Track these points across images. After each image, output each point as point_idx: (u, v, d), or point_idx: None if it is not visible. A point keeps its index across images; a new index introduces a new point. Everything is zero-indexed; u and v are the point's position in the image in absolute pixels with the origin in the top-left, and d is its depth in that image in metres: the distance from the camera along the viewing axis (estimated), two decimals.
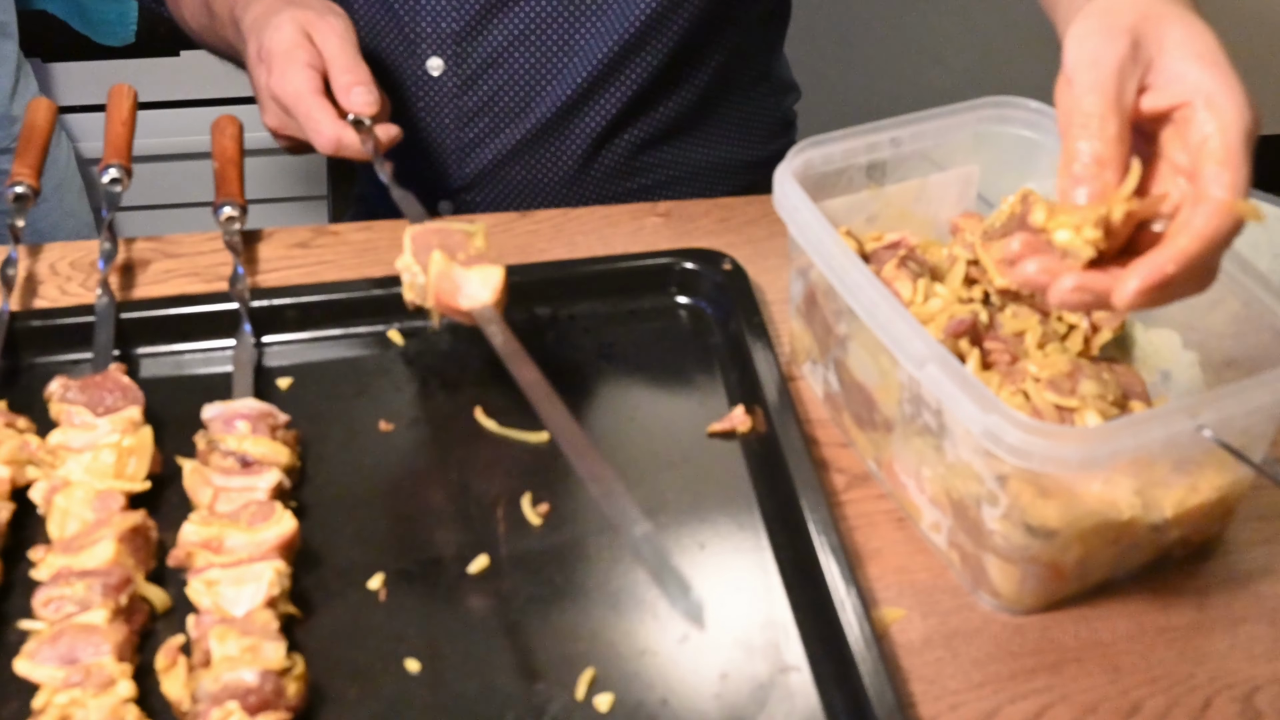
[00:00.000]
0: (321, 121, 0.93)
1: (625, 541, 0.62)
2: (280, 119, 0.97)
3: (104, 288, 0.90)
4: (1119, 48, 0.63)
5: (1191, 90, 0.63)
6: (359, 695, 0.70)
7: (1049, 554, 0.73)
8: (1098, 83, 0.62)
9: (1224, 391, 0.69)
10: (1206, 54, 0.63)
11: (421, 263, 0.81)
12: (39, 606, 0.70)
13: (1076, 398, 0.74)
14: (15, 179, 0.96)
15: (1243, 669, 0.73)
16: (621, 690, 0.70)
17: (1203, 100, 0.62)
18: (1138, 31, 0.64)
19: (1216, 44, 0.64)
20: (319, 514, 0.79)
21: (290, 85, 0.94)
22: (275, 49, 0.95)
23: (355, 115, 0.94)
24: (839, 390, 0.84)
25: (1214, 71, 0.63)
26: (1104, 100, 0.62)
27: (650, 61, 1.09)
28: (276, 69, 0.94)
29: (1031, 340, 0.79)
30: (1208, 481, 0.74)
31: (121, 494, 0.76)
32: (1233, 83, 0.63)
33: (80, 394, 0.81)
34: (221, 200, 0.97)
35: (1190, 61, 0.63)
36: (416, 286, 0.82)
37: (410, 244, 0.82)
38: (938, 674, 0.72)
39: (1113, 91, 0.62)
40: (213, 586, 0.71)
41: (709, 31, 1.11)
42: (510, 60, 1.09)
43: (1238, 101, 0.62)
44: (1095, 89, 0.62)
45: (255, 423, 0.80)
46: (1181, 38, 0.64)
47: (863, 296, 0.74)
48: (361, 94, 0.94)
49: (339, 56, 0.95)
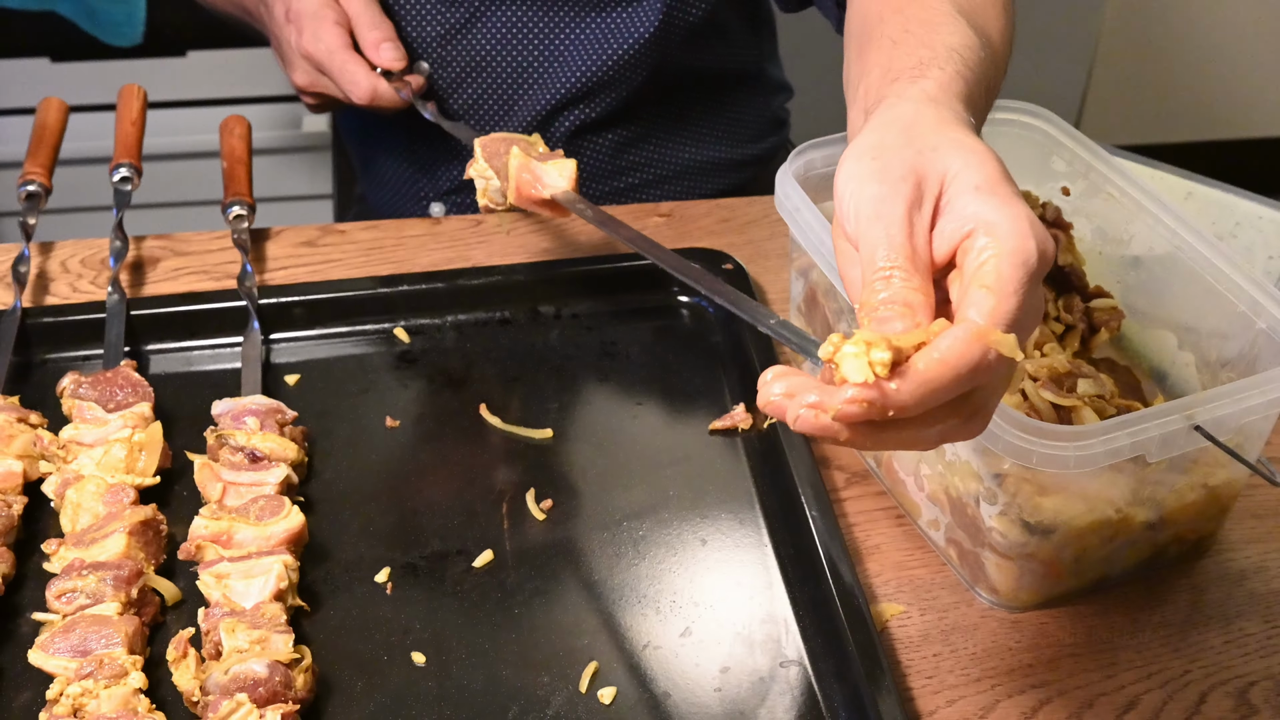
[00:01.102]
0: (356, 74, 1.00)
1: (760, 327, 0.61)
2: (311, 76, 1.03)
3: (114, 285, 0.91)
4: (902, 196, 0.57)
5: (971, 219, 0.56)
6: (365, 687, 0.71)
7: (1046, 551, 0.73)
8: (889, 239, 0.56)
9: (1219, 392, 0.70)
10: (984, 184, 0.57)
11: (495, 167, 0.86)
12: (52, 598, 0.72)
13: (1074, 397, 0.74)
14: (27, 177, 0.97)
15: (1237, 664, 0.74)
16: (624, 684, 0.71)
17: (982, 228, 0.56)
18: (918, 172, 0.58)
19: (997, 168, 0.58)
20: (326, 509, 0.80)
21: (322, 43, 1.00)
22: (303, 9, 1.01)
23: (384, 68, 1.01)
24: None
25: (994, 200, 0.56)
26: (900, 255, 0.55)
27: (635, 66, 1.09)
28: (307, 29, 1.01)
29: (1029, 340, 0.80)
30: (1203, 480, 0.75)
31: (132, 488, 0.77)
32: (1014, 210, 0.56)
33: (91, 390, 0.82)
34: (230, 199, 0.98)
35: (969, 195, 0.57)
36: (491, 190, 0.87)
37: (481, 151, 0.88)
38: (936, 669, 0.73)
39: (907, 246, 0.56)
40: (222, 580, 0.72)
41: (696, 39, 1.11)
42: (494, 64, 1.10)
43: (1017, 230, 0.55)
44: (887, 244, 0.56)
45: (264, 419, 0.81)
46: (960, 169, 0.58)
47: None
48: (390, 49, 1.01)
49: (364, 14, 1.02)
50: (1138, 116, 2.42)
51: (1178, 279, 0.80)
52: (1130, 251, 0.83)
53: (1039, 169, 0.87)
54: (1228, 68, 2.38)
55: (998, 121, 0.87)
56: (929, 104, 0.62)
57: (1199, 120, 2.45)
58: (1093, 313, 0.82)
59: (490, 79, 1.10)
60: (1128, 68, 2.35)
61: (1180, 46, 2.34)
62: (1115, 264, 0.85)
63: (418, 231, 1.03)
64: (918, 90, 0.64)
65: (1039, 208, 0.85)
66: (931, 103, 0.62)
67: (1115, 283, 0.85)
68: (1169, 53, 2.35)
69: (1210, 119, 2.46)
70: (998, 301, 0.54)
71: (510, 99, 1.11)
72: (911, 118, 0.61)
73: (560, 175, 0.84)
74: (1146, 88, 2.39)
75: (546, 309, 0.95)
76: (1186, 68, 2.37)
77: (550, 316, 0.95)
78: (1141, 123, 2.44)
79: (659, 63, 1.09)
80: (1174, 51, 2.34)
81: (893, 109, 0.62)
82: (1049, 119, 0.86)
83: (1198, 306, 0.79)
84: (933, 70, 0.66)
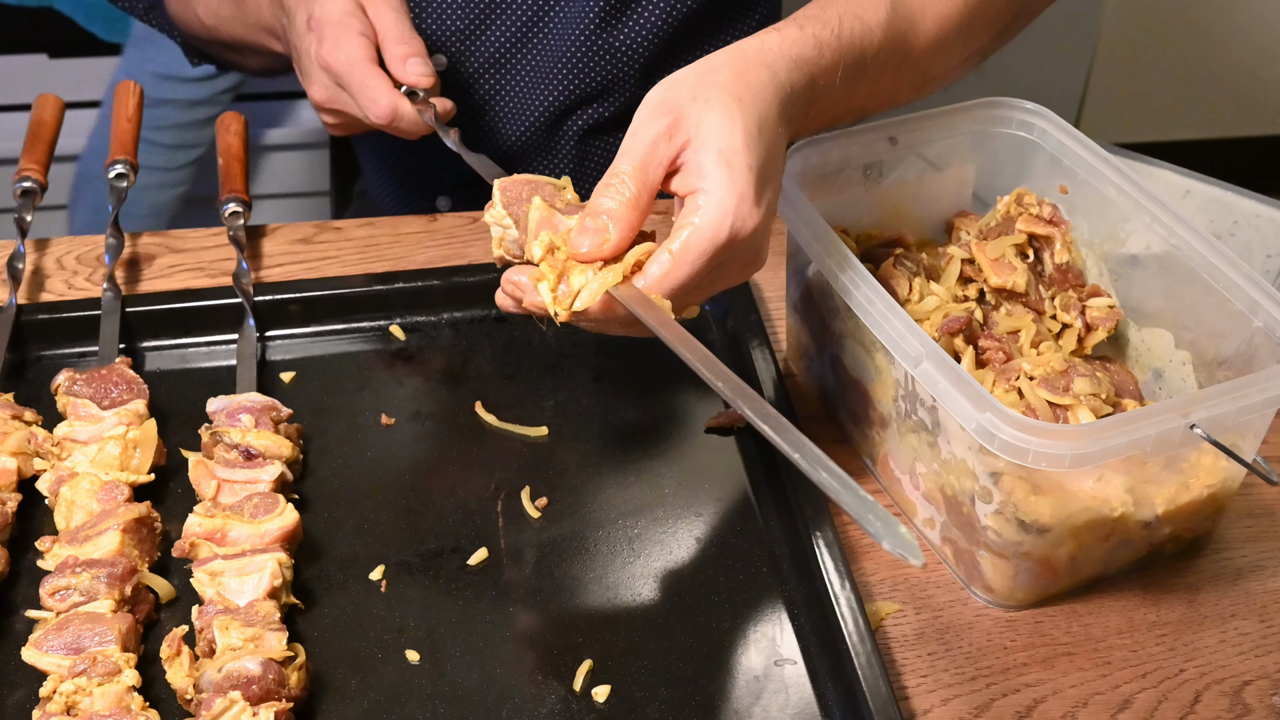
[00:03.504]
0: (377, 90, 0.89)
1: (815, 484, 0.63)
2: (329, 91, 0.92)
3: (110, 282, 0.91)
4: (658, 125, 0.69)
5: (699, 180, 0.68)
6: (360, 685, 0.71)
7: (1041, 550, 0.73)
8: (630, 150, 0.69)
9: (1215, 390, 0.70)
10: (726, 150, 0.67)
11: (514, 215, 0.75)
12: (45, 596, 0.71)
13: (1070, 395, 0.74)
14: (23, 174, 0.97)
15: (1232, 664, 0.74)
16: (618, 682, 0.71)
17: (701, 193, 0.67)
18: (681, 111, 0.69)
19: (744, 139, 0.68)
20: (321, 506, 0.80)
21: (343, 54, 0.90)
22: (327, 17, 0.91)
23: (410, 87, 0.91)
24: (835, 387, 0.85)
25: (723, 172, 0.67)
26: (631, 167, 0.68)
27: (648, 63, 1.09)
28: (329, 38, 0.91)
29: (1026, 338, 0.80)
30: (1199, 479, 0.75)
31: (127, 485, 0.77)
32: (733, 188, 0.67)
33: (86, 387, 0.82)
34: (226, 196, 0.98)
35: (710, 155, 0.68)
36: (508, 240, 0.76)
37: (500, 195, 0.76)
38: (931, 668, 0.73)
39: (640, 161, 0.68)
40: (216, 577, 0.72)
41: (707, 34, 1.11)
42: (511, 59, 1.09)
43: (721, 208, 0.67)
44: (627, 155, 0.68)
45: (259, 416, 0.81)
46: (715, 126, 0.68)
47: (858, 294, 0.75)
48: (418, 65, 0.91)
49: (394, 27, 0.92)
50: (1137, 115, 2.42)
51: (1175, 277, 0.79)
52: (1127, 250, 0.83)
53: (1037, 167, 0.87)
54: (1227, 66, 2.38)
55: (997, 120, 0.87)
56: (748, 55, 0.71)
57: (1198, 118, 2.45)
58: (1089, 311, 0.82)
59: (508, 73, 1.10)
60: (1127, 66, 2.35)
61: (1180, 45, 2.34)
62: (1112, 262, 0.85)
63: (414, 228, 1.03)
64: (756, 40, 0.72)
65: (1036, 205, 0.85)
66: (751, 54, 0.71)
67: (1112, 282, 0.85)
68: (1168, 51, 2.34)
69: (1209, 117, 2.46)
70: (673, 267, 0.67)
71: (525, 96, 1.11)
72: (720, 62, 0.71)
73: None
74: (1145, 86, 2.38)
75: None
76: (1186, 66, 2.37)
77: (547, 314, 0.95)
78: (1140, 121, 2.43)
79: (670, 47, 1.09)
80: (1173, 50, 2.34)
81: (724, 51, 0.72)
82: (1047, 117, 0.86)
83: (1195, 305, 0.79)
84: (790, 26, 0.73)
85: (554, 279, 0.70)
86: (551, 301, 0.70)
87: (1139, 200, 0.80)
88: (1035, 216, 0.85)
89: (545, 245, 0.71)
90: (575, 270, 0.69)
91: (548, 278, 0.70)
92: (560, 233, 0.71)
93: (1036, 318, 0.82)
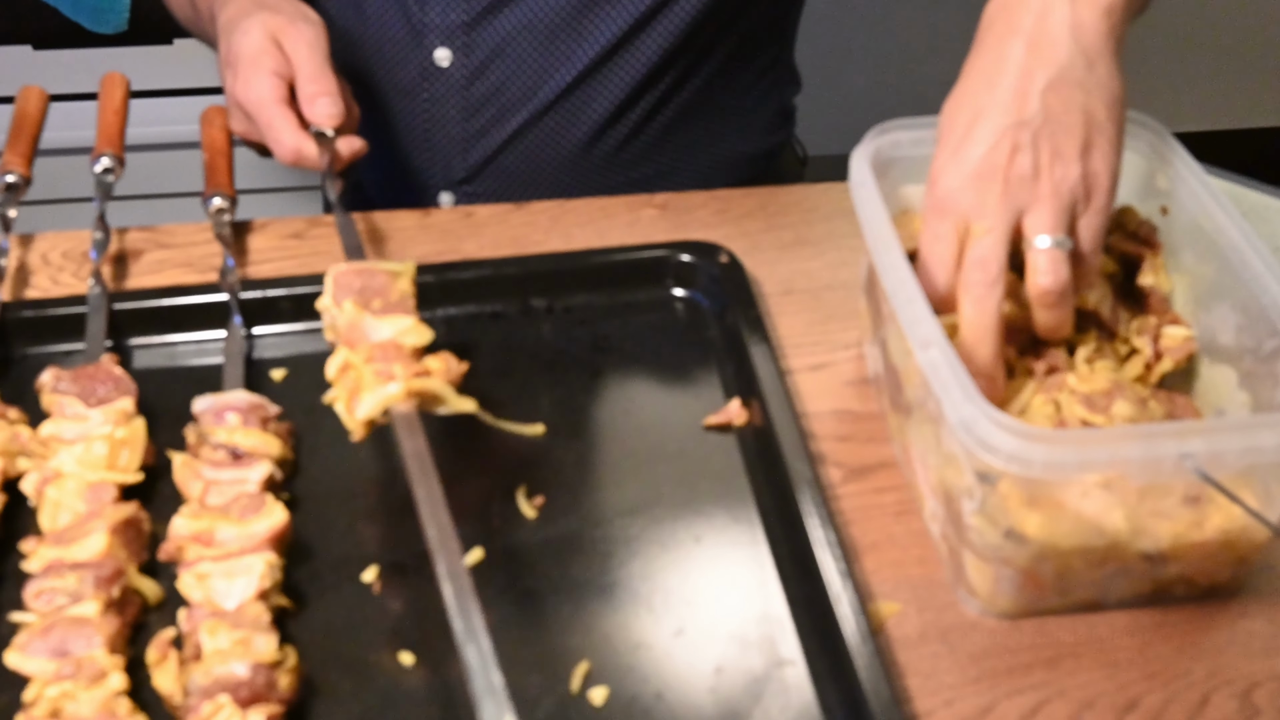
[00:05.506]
0: (282, 131, 0.91)
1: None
2: (245, 125, 0.96)
3: (96, 278, 0.89)
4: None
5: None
6: (352, 688, 0.69)
7: (1022, 559, 0.71)
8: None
9: (1222, 423, 0.66)
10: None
11: (341, 306, 0.79)
12: (30, 598, 0.70)
13: (1107, 416, 0.72)
14: (7, 168, 0.96)
15: (1240, 665, 0.73)
16: (616, 684, 0.70)
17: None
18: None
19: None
20: (312, 506, 0.79)
21: (254, 92, 0.92)
22: (242, 53, 0.93)
23: (317, 127, 0.93)
24: (883, 371, 0.84)
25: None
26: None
27: (658, 47, 1.08)
28: (242, 74, 0.93)
29: (1082, 354, 0.78)
30: (1213, 522, 0.70)
31: (114, 486, 0.75)
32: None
33: (72, 385, 0.81)
34: (211, 191, 0.97)
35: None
36: (338, 328, 0.79)
37: (332, 285, 0.80)
38: (934, 669, 0.72)
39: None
40: (204, 580, 0.71)
41: (721, 17, 1.10)
42: (518, 49, 1.08)
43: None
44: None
45: (246, 415, 0.79)
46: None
47: (891, 276, 0.74)
48: (325, 105, 0.92)
49: (306, 65, 0.93)
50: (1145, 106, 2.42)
51: (1250, 318, 0.75)
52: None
53: (1142, 184, 0.83)
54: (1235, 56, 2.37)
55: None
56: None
57: (1206, 110, 2.44)
58: (1162, 339, 0.79)
59: (514, 64, 1.09)
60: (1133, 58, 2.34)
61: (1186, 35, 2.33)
62: (1202, 293, 0.80)
63: (408, 224, 1.02)
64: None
65: (1134, 224, 0.83)
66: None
67: (1199, 314, 0.80)
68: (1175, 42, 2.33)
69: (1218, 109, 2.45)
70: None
71: (533, 83, 1.10)
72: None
73: (395, 354, 0.75)
74: (1153, 78, 2.38)
75: (538, 303, 0.94)
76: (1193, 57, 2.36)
77: (542, 310, 0.93)
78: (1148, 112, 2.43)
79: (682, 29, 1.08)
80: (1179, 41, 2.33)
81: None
82: (1156, 130, 0.83)
83: (1259, 346, 0.74)
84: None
85: (346, 399, 0.73)
86: (345, 418, 0.72)
87: (1225, 229, 0.77)
88: (1130, 235, 0.82)
89: (340, 365, 0.72)
90: (366, 389, 0.72)
91: (341, 399, 0.73)
92: (358, 348, 0.73)
93: (1106, 337, 0.79)
